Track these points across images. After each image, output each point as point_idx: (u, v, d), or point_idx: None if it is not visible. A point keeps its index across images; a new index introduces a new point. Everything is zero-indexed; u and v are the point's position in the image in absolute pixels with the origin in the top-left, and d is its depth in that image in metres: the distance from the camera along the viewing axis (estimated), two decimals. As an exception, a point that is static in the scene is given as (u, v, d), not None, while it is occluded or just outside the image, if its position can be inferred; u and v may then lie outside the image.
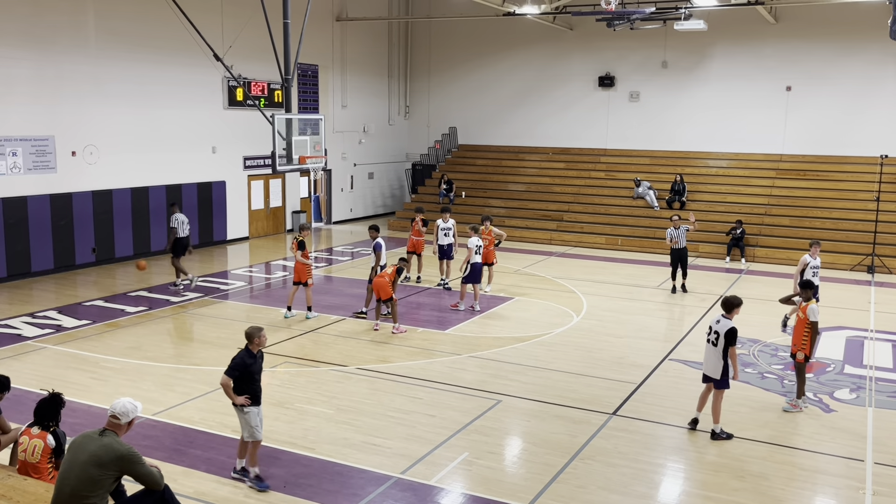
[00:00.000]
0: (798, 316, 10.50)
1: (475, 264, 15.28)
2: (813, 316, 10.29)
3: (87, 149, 19.04)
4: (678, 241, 17.21)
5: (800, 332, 10.42)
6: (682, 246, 17.30)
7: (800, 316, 10.45)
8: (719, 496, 7.96)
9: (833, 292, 17.69)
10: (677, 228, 17.25)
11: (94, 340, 13.07)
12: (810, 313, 10.29)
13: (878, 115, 23.96)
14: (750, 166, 25.46)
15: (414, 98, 31.36)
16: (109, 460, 5.55)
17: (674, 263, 17.53)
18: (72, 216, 18.71)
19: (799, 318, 10.47)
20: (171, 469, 8.08)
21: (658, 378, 11.65)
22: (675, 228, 17.26)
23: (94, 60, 18.94)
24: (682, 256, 17.38)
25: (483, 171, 28.64)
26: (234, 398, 7.86)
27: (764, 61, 25.22)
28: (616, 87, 27.51)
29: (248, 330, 8.04)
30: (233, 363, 7.86)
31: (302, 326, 14.12)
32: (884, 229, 21.01)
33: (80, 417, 9.37)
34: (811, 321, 10.30)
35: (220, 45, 19.17)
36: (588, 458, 8.80)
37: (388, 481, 8.11)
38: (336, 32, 27.12)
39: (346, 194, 28.60)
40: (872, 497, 8.01)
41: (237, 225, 23.78)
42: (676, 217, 17.75)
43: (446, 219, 17.52)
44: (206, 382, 11.03)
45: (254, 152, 23.65)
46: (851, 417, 10.22)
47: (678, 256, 17.38)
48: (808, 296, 10.52)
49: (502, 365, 12.14)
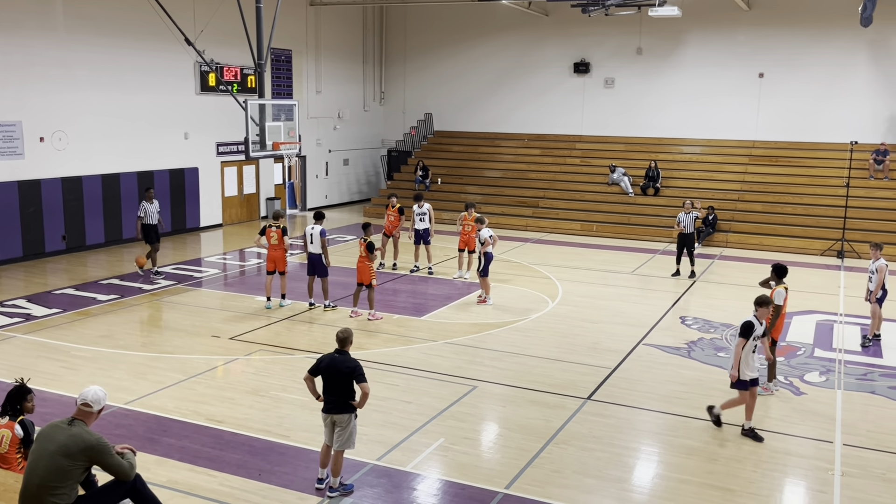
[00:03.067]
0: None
1: (488, 254, 15.01)
2: (778, 299, 10.34)
3: (55, 135, 18.70)
4: (686, 226, 17.43)
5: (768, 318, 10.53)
6: (688, 231, 17.52)
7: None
8: (693, 479, 8.06)
9: (803, 277, 17.93)
10: (687, 213, 17.49)
11: (65, 329, 12.89)
12: (776, 297, 10.35)
13: (849, 101, 24.26)
14: (723, 153, 25.67)
15: (389, 84, 31.17)
16: (78, 450, 5.48)
17: (679, 248, 17.78)
18: (41, 203, 18.39)
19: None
20: (144, 458, 7.99)
21: (632, 363, 11.74)
22: (685, 213, 17.50)
23: (62, 45, 18.57)
24: (687, 242, 17.61)
25: (459, 158, 28.59)
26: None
27: (737, 48, 25.40)
28: (591, 74, 27.56)
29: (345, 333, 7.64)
30: (362, 369, 7.47)
31: (277, 314, 14.03)
32: (853, 215, 21.31)
33: (50, 407, 9.23)
34: (776, 304, 10.35)
35: (192, 30, 18.90)
36: (563, 442, 8.85)
37: (364, 468, 8.10)
38: (310, 17, 26.84)
39: (321, 181, 28.42)
40: (841, 478, 8.15)
41: (210, 212, 23.54)
42: (689, 202, 17.92)
43: (421, 204, 17.52)
44: (179, 371, 10.93)
45: (227, 138, 23.38)
46: (821, 400, 10.38)
47: (683, 241, 17.62)
48: (777, 279, 10.60)
49: (478, 351, 12.16)
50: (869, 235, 21.03)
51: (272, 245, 14.34)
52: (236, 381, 10.68)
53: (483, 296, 15.08)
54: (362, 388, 7.37)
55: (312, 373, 7.61)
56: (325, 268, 14.24)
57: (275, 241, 14.31)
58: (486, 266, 14.92)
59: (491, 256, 15.05)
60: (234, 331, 12.94)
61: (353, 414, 7.49)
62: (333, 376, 7.44)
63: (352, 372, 7.39)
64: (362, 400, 7.43)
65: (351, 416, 7.48)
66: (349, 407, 7.46)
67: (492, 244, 14.96)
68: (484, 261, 14.92)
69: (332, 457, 7.58)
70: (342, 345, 7.58)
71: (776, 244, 21.54)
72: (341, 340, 7.59)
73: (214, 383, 10.57)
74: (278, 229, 14.32)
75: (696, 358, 11.99)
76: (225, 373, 11.07)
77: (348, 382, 7.42)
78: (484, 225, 15.33)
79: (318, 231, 14.12)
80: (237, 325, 13.27)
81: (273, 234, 14.30)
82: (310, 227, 14.26)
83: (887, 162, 22.85)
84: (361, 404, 7.46)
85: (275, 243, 14.31)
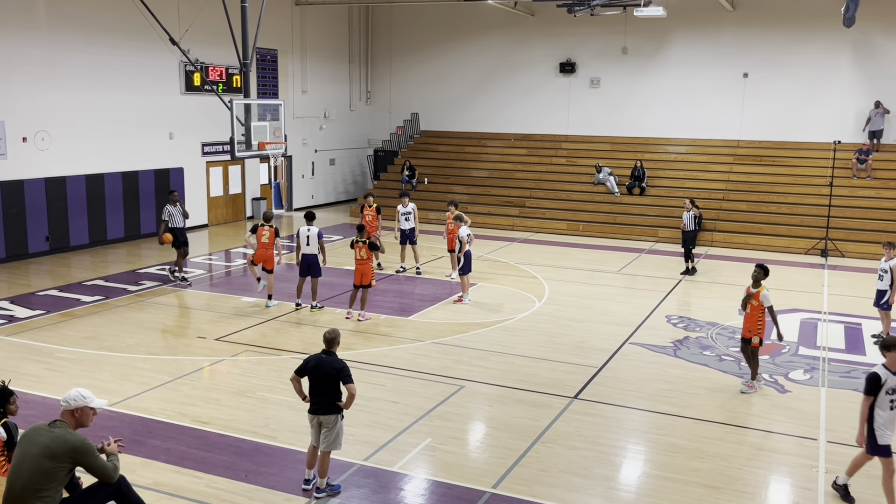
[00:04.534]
0: (752, 304, 10.52)
1: (468, 253, 15.07)
2: (766, 301, 10.36)
3: (38, 135, 18.54)
4: (686, 224, 17.95)
5: (754, 318, 10.51)
6: (689, 229, 17.98)
7: (753, 304, 10.49)
8: (679, 477, 8.10)
9: (788, 275, 18.06)
10: (688, 212, 17.92)
11: (49, 331, 12.78)
12: (763, 299, 10.35)
13: (832, 101, 24.45)
14: (708, 152, 25.81)
15: (375, 84, 31.13)
16: (62, 452, 5.44)
17: (684, 246, 18.28)
18: (24, 204, 18.22)
19: (752, 305, 10.50)
20: (129, 459, 7.95)
21: (618, 361, 11.78)
22: (686, 212, 17.97)
23: (45, 44, 18.41)
24: (688, 239, 18.07)
25: (445, 158, 28.59)
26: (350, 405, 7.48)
27: (722, 48, 25.54)
28: (577, 74, 27.63)
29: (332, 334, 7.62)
30: (348, 370, 7.43)
31: (263, 315, 13.98)
32: (836, 213, 21.48)
33: (34, 409, 9.16)
34: (766, 306, 10.40)
35: (177, 29, 18.80)
36: (550, 441, 8.87)
37: (352, 468, 8.08)
38: (295, 16, 26.75)
39: (307, 181, 28.33)
40: (825, 475, 8.21)
41: (196, 212, 23.34)
42: (688, 201, 18.31)
43: (405, 203, 17.49)
44: (165, 372, 10.87)
45: (212, 138, 23.27)
46: (805, 398, 10.46)
47: (684, 239, 18.16)
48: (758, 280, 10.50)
49: (465, 351, 12.17)
50: (852, 234, 21.26)
51: (262, 244, 14.31)
52: (222, 382, 10.63)
53: (461, 294, 15.12)
54: (349, 389, 7.36)
55: (299, 373, 7.59)
56: (320, 268, 14.23)
57: (266, 239, 14.28)
58: (466, 264, 14.98)
59: (469, 254, 15.11)
60: (220, 331, 12.88)
61: (339, 415, 7.47)
62: (320, 377, 7.42)
63: (338, 373, 7.37)
64: (349, 401, 7.41)
65: (337, 417, 7.46)
66: (335, 408, 7.44)
67: (468, 244, 15.03)
68: (464, 259, 14.98)
69: (319, 457, 7.57)
70: (329, 345, 7.57)
71: (761, 243, 21.69)
72: (328, 341, 7.58)
73: (200, 384, 10.52)
74: (271, 229, 14.30)
75: (682, 357, 12.05)
76: (211, 374, 11.01)
77: (335, 383, 7.40)
78: (464, 223, 15.39)
79: (315, 232, 14.12)
80: (223, 326, 13.21)
81: (265, 233, 14.27)
82: (305, 229, 14.23)
83: (870, 161, 23.06)
84: (348, 405, 7.44)
85: (265, 241, 14.29)
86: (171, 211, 16.22)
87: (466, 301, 14.97)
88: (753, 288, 10.51)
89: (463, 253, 14.97)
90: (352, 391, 7.35)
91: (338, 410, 7.45)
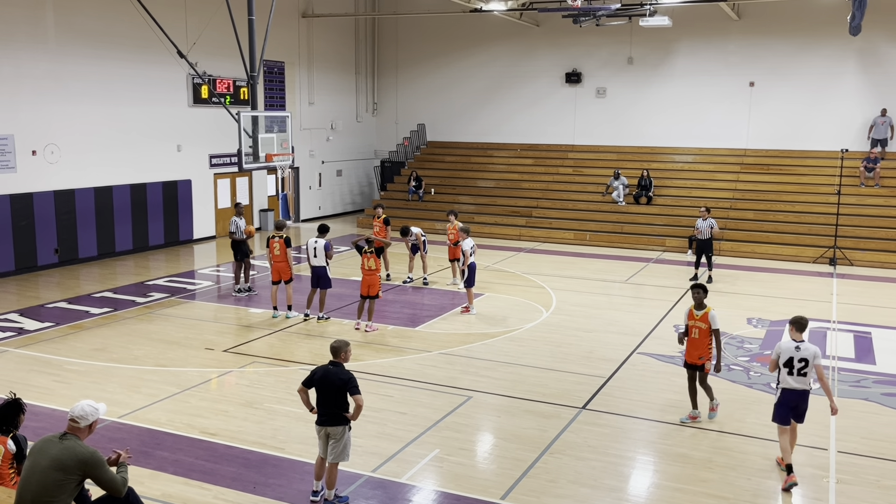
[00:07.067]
0: (698, 327, 9.51)
1: (472, 265, 15.05)
2: (715, 323, 9.46)
3: (48, 147, 18.66)
4: (702, 231, 17.85)
5: (703, 342, 9.51)
6: (705, 237, 17.89)
7: (701, 327, 9.49)
8: (688, 487, 8.06)
9: (796, 284, 17.99)
10: (704, 220, 17.89)
11: (58, 343, 12.83)
12: (712, 321, 9.46)
13: (838, 109, 24.42)
14: (715, 161, 25.78)
15: (382, 95, 31.24)
16: (72, 464, 5.45)
17: (698, 254, 18.21)
18: (33, 217, 18.32)
19: (700, 328, 9.50)
20: (137, 471, 7.96)
21: (626, 371, 11.75)
22: (702, 220, 17.93)
23: (53, 57, 18.56)
24: (704, 247, 17.97)
25: (452, 168, 28.64)
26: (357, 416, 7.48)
27: (727, 57, 25.56)
28: (583, 84, 27.67)
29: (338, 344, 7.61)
30: (356, 381, 7.41)
31: (271, 326, 14.00)
32: (845, 222, 21.39)
33: (43, 421, 9.19)
34: (714, 328, 9.45)
35: (184, 42, 18.91)
36: (558, 452, 8.84)
37: (360, 479, 8.07)
38: (302, 29, 26.91)
39: (314, 192, 28.41)
40: (836, 485, 8.16)
41: (204, 224, 23.49)
42: (704, 209, 18.26)
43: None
44: (173, 384, 10.89)
45: (220, 150, 23.37)
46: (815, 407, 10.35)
47: (701, 247, 18.05)
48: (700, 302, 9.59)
49: (472, 361, 12.15)
50: (860, 242, 21.19)
51: (275, 256, 14.38)
52: (230, 394, 10.64)
53: (467, 304, 15.14)
54: (356, 401, 7.36)
55: (306, 385, 7.59)
56: (329, 280, 14.27)
57: (277, 251, 14.34)
58: (470, 276, 14.99)
59: (474, 266, 15.14)
60: (228, 343, 12.91)
61: (346, 426, 7.47)
62: (327, 388, 7.42)
63: (345, 384, 7.37)
64: (356, 412, 7.41)
65: (345, 429, 7.46)
66: (343, 419, 7.44)
67: (471, 256, 15.04)
68: (468, 272, 14.99)
69: (327, 469, 7.56)
70: (335, 355, 7.58)
71: (769, 252, 21.62)
72: (335, 350, 7.59)
73: (208, 396, 10.54)
74: (281, 240, 14.35)
75: (691, 366, 11.99)
76: (219, 385, 11.03)
77: (342, 394, 7.40)
78: (468, 235, 15.41)
79: (321, 245, 14.17)
80: (231, 338, 13.23)
81: (276, 245, 14.33)
82: (312, 241, 14.30)
83: (878, 169, 22.99)
84: (355, 416, 7.44)
85: (277, 254, 14.35)
86: (237, 223, 16.31)
87: (473, 312, 14.97)
88: (698, 310, 9.54)
89: (466, 265, 15.00)
90: (359, 402, 7.35)
91: (345, 422, 7.45)
